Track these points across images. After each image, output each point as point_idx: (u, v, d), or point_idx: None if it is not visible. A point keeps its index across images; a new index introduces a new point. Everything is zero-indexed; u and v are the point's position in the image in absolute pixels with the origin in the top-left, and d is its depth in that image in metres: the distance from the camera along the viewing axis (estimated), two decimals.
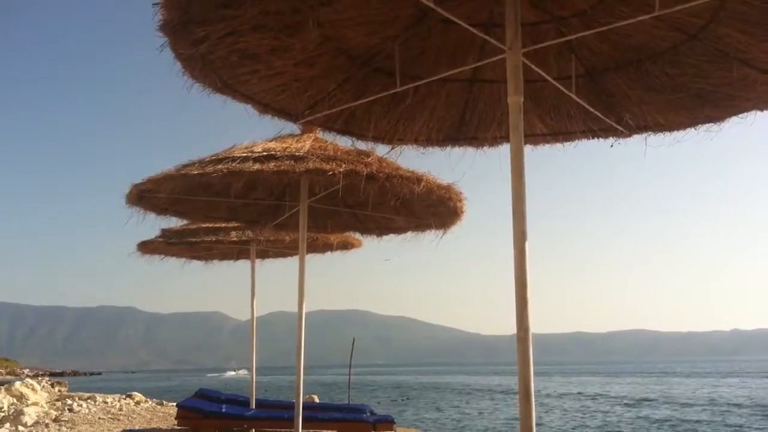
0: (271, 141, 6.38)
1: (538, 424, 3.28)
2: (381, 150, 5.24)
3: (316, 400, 18.15)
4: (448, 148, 4.83)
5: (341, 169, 5.55)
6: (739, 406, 36.94)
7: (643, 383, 69.51)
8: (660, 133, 4.41)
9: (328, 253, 10.45)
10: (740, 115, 4.05)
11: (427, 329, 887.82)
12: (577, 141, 4.69)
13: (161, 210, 7.18)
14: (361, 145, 5.08)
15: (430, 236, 7.60)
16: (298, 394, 6.55)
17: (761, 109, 3.96)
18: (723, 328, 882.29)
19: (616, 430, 26.41)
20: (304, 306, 6.68)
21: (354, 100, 4.25)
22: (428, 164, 6.14)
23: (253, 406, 11.22)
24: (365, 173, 5.62)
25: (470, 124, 4.69)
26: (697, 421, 29.57)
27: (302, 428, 9.50)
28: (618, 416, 32.44)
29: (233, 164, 5.71)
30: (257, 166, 5.69)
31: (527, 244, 3.29)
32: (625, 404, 40.71)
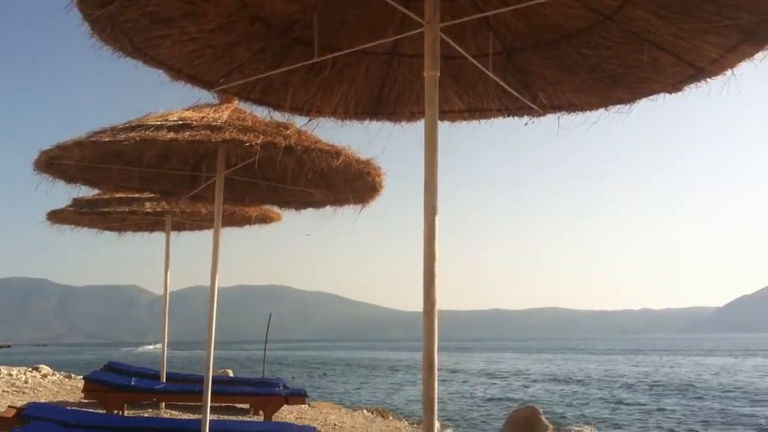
0: (187, 110, 6.22)
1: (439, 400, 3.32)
2: (299, 122, 5.18)
3: (231, 374, 18.03)
4: (367, 122, 4.80)
5: (259, 141, 5.46)
6: (631, 384, 38.51)
7: (548, 360, 71.80)
8: (573, 113, 4.48)
9: (247, 227, 10.33)
10: (650, 97, 4.14)
11: (348, 305, 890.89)
12: (493, 119, 4.73)
13: (71, 178, 6.94)
14: (279, 116, 5.00)
15: (350, 211, 7.59)
16: (208, 368, 6.46)
17: (670, 92, 4.05)
18: (634, 308, 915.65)
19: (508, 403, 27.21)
20: (217, 280, 6.58)
21: (271, 69, 4.17)
22: (349, 139, 6.09)
23: (164, 380, 11.04)
24: (283, 145, 5.53)
25: (389, 99, 4.67)
26: (585, 397, 30.77)
27: (214, 402, 9.44)
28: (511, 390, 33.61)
29: (146, 132, 5.55)
30: (171, 135, 5.54)
31: (437, 219, 3.30)
32: (525, 379, 42.20)
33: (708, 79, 3.86)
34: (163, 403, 10.69)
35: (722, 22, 3.41)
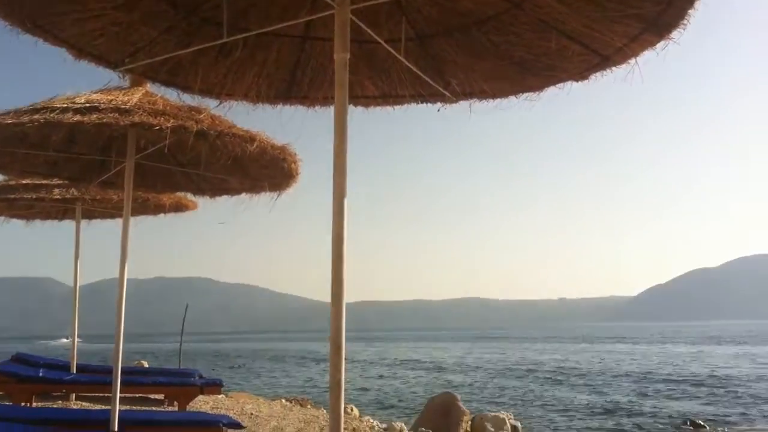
0: (96, 93, 6.03)
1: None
2: (212, 106, 5.09)
3: (146, 366, 17.67)
4: (279, 106, 4.74)
5: (169, 125, 5.34)
6: (543, 371, 39.61)
7: (468, 349, 73.24)
8: (485, 100, 4.52)
9: (163, 216, 10.10)
10: (558, 86, 4.21)
11: (270, 297, 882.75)
12: (406, 105, 4.74)
13: None
14: (189, 100, 4.90)
15: (266, 198, 7.50)
16: (117, 358, 6.31)
17: (577, 80, 4.12)
18: (552, 297, 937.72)
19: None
20: (126, 270, 6.40)
21: (179, 49, 4.07)
22: (264, 125, 6.02)
23: (74, 371, 10.73)
24: (195, 129, 5.43)
25: (302, 83, 4.63)
26: (502, 385, 31.55)
27: (127, 393, 9.24)
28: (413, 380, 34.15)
29: (51, 115, 5.35)
30: (78, 118, 5.35)
31: (346, 202, 3.29)
32: (444, 368, 42.99)
33: (613, 68, 3.94)
34: (74, 395, 10.38)
35: (626, 12, 3.49)
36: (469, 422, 14.14)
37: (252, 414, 10.93)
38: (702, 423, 19.37)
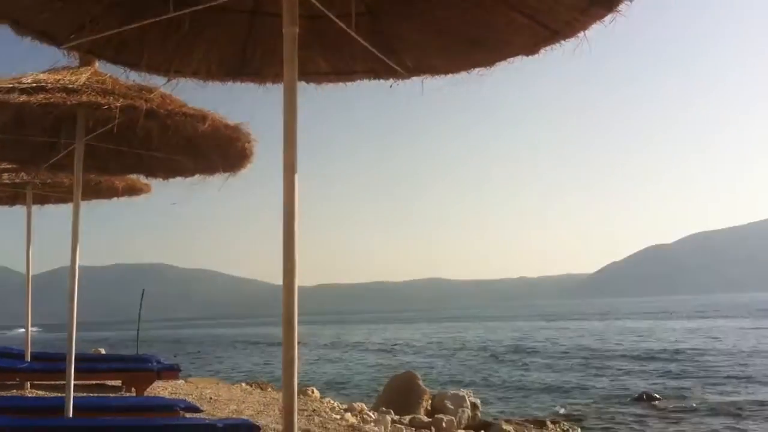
0: (43, 73, 5.89)
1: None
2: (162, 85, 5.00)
3: (103, 353, 17.48)
4: (231, 84, 4.68)
5: (118, 104, 5.26)
6: (501, 349, 40.17)
7: (428, 329, 73.94)
8: (437, 76, 4.51)
9: (117, 201, 9.91)
10: (508, 60, 4.21)
11: (229, 281, 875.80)
12: (359, 81, 4.71)
13: None
14: (135, 77, 4.81)
15: (220, 180, 7.41)
16: (71, 344, 6.22)
17: (527, 55, 4.11)
18: (512, 276, 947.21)
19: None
20: (77, 256, 6.30)
21: (125, 25, 3.98)
22: (217, 104, 5.93)
23: (29, 359, 10.55)
24: (145, 109, 5.35)
25: (253, 59, 4.56)
26: (462, 364, 31.94)
27: (83, 380, 9.12)
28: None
29: None
30: (23, 98, 5.25)
31: (296, 177, 3.26)
32: (405, 349, 43.33)
33: (562, 41, 3.94)
34: (28, 383, 10.22)
35: None
36: (430, 401, 14.28)
37: (211, 398, 10.88)
38: (657, 395, 19.83)
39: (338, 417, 10.21)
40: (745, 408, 17.69)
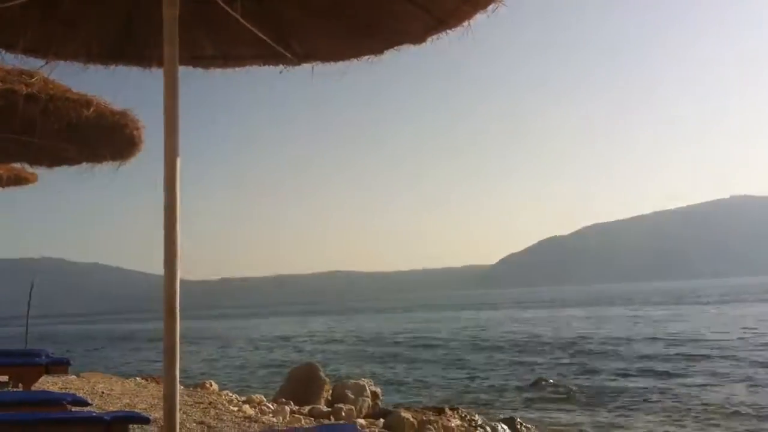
0: None
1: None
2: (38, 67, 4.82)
3: None
4: (113, 67, 4.53)
5: None
6: (398, 340, 40.88)
7: (329, 321, 74.35)
8: (327, 63, 4.49)
9: (2, 191, 9.49)
10: (396, 48, 4.24)
11: (122, 275, 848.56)
12: (248, 67, 4.65)
13: None
14: (12, 60, 4.59)
15: (108, 168, 7.21)
16: None
17: (415, 43, 4.15)
18: (416, 267, 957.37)
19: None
20: None
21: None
22: (108, 91, 5.75)
23: None
24: (24, 93, 5.16)
25: (136, 42, 4.42)
26: (361, 355, 32.31)
27: None
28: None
29: None
30: None
31: (179, 161, 3.21)
32: (305, 341, 43.50)
33: (449, 30, 4.00)
34: None
35: None
36: (330, 390, 14.32)
37: (103, 393, 10.57)
38: (552, 381, 20.53)
39: (236, 409, 10.10)
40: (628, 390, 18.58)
